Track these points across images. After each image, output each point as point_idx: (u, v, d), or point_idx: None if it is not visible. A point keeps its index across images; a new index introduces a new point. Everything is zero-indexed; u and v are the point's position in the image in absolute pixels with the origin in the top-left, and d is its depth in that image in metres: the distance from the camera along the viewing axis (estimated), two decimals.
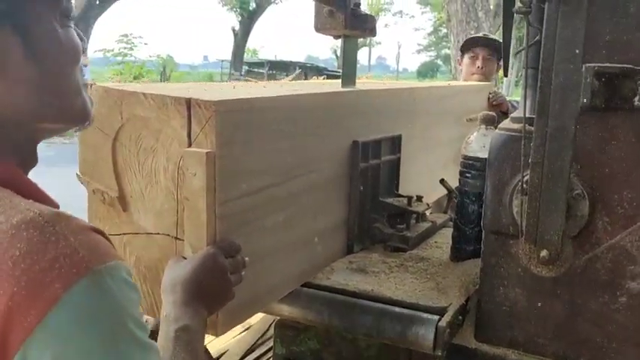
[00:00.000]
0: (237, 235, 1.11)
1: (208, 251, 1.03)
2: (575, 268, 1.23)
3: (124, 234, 1.18)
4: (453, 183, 2.14)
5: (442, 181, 1.97)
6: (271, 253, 1.26)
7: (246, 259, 1.10)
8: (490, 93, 2.89)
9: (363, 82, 2.18)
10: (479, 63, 3.01)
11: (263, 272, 1.23)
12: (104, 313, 0.62)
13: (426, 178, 2.08)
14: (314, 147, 1.40)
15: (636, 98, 1.12)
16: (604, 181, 1.20)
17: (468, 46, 3.10)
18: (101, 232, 0.68)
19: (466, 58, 3.08)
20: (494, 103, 2.85)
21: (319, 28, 1.56)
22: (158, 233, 1.14)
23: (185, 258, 1.05)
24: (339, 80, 1.78)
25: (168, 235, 1.13)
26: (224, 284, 1.03)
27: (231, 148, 1.08)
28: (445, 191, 2.00)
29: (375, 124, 1.71)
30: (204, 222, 1.04)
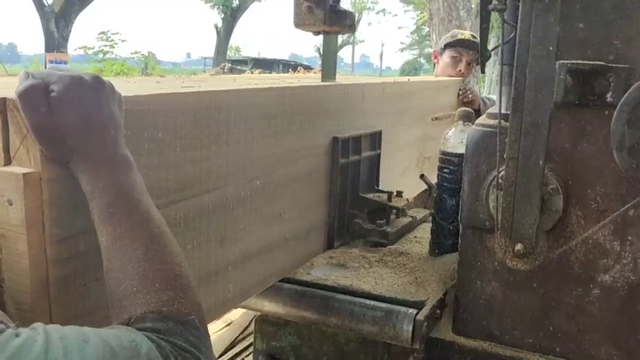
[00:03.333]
0: (86, 282, 0.86)
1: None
2: (550, 261, 1.26)
3: None
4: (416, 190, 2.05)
5: (422, 177, 1.99)
6: None
7: None
8: (460, 89, 2.76)
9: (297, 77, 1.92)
10: (461, 67, 2.88)
11: None
12: None
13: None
14: (220, 155, 1.14)
15: (609, 94, 1.15)
16: (578, 176, 1.22)
17: (454, 44, 2.94)
18: None
19: (446, 56, 2.93)
20: (464, 100, 2.74)
21: (299, 24, 1.56)
22: None
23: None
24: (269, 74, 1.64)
25: None
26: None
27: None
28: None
29: (306, 126, 1.46)
30: (26, 268, 0.77)
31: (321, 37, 1.68)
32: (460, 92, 2.75)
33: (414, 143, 2.22)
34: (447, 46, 2.96)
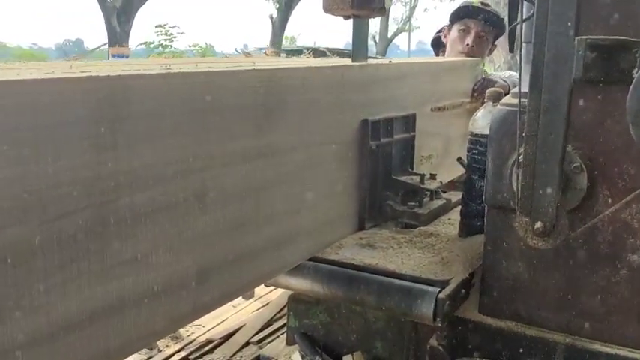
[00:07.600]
0: None
1: None
2: (575, 241, 1.24)
3: None
4: None
5: (459, 160, 1.99)
6: None
7: None
8: (475, 85, 2.23)
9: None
10: (469, 40, 2.36)
11: None
12: None
13: None
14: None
15: (634, 71, 1.12)
16: (604, 155, 1.21)
17: (459, 15, 2.41)
18: None
19: (454, 31, 2.42)
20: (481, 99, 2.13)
21: (328, 8, 1.58)
22: None
23: None
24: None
25: None
26: None
27: None
28: None
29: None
30: None
31: (376, 26, 1.66)
32: (476, 87, 2.23)
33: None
34: (453, 19, 2.45)
